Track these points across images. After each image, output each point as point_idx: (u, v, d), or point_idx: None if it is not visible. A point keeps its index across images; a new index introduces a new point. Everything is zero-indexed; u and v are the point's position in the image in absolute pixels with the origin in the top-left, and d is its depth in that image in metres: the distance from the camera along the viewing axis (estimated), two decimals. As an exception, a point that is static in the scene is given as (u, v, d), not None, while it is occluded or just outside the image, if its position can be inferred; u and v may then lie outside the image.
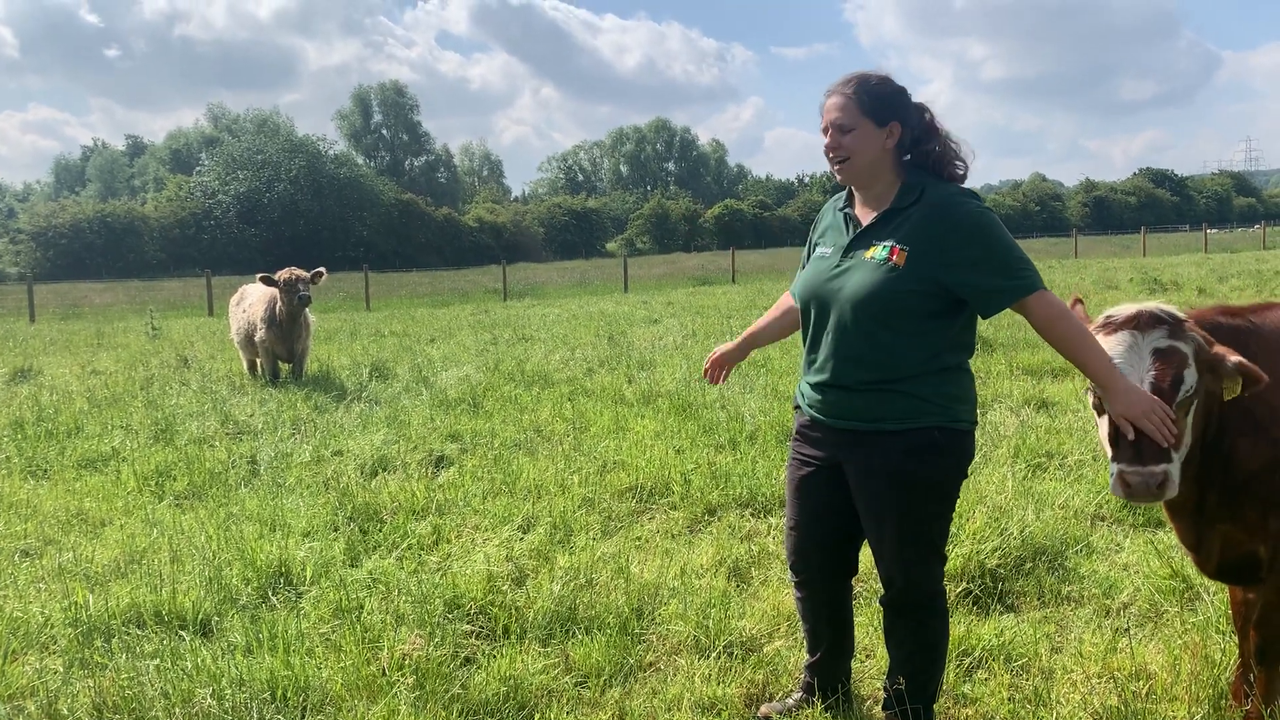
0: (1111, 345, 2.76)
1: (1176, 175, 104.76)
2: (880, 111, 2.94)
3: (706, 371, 3.53)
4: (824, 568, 3.25)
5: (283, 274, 10.69)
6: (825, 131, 3.00)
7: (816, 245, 3.19)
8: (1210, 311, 2.97)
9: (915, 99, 3.02)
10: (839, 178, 3.04)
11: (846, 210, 3.11)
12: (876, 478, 2.97)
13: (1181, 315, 2.74)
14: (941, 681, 3.27)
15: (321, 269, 11.19)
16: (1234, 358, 2.66)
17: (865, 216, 3.03)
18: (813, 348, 3.09)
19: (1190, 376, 2.66)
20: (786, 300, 3.46)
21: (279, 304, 10.60)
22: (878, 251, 2.92)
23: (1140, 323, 2.72)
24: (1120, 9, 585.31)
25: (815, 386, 3.08)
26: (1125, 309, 2.78)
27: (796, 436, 3.24)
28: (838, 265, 3.01)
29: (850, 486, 3.06)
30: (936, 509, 3.01)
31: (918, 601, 3.08)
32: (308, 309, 10.98)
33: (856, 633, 3.71)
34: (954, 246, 2.84)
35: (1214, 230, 56.80)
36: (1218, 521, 2.94)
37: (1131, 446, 2.63)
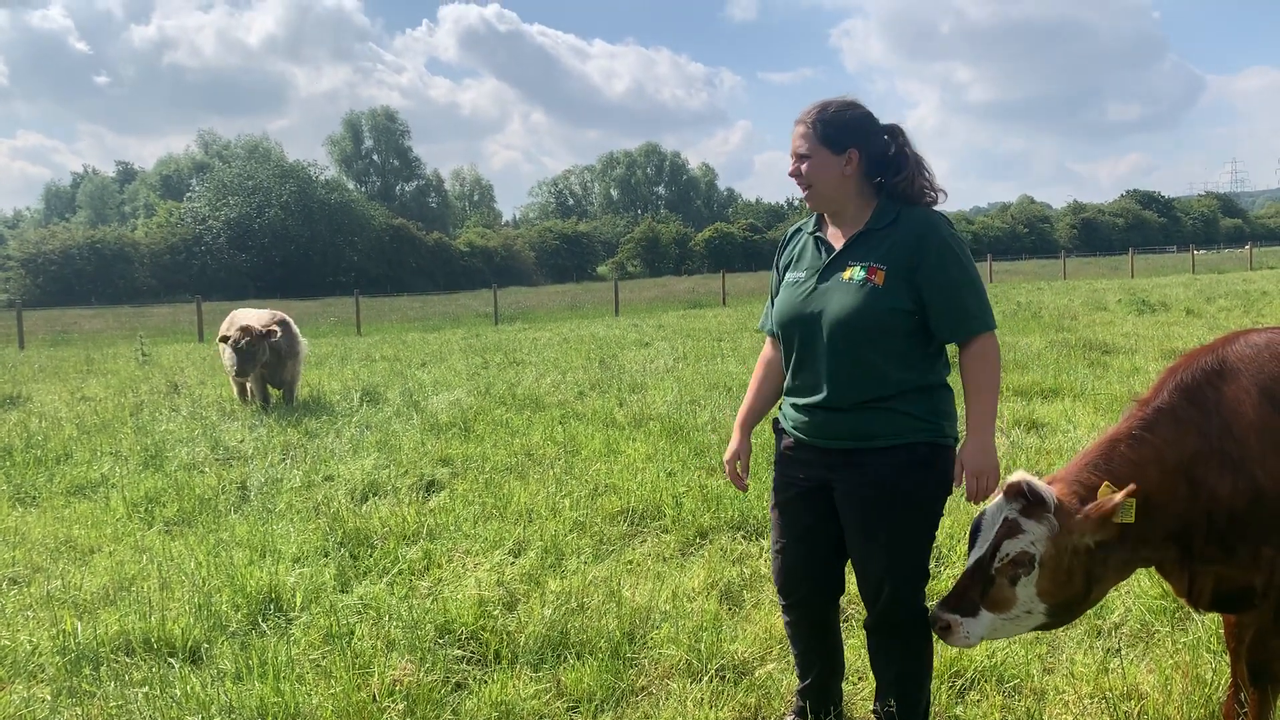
0: (990, 504, 2.93)
1: (1163, 197, 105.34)
2: (836, 139, 2.97)
3: (731, 478, 3.43)
4: (812, 590, 3.24)
5: (233, 332, 10.34)
6: (792, 159, 3.05)
7: (788, 271, 3.18)
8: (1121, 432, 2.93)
9: (903, 123, 3.05)
10: (808, 205, 3.10)
11: (818, 235, 3.12)
12: (867, 495, 2.97)
13: (1044, 495, 2.77)
14: (930, 701, 3.27)
15: (275, 328, 10.55)
16: (1093, 515, 2.73)
17: (838, 240, 3.06)
18: (797, 372, 3.09)
19: (1014, 547, 2.79)
20: (768, 353, 3.38)
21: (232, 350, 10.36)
22: (855, 272, 2.94)
23: (1008, 492, 2.85)
24: (1105, 33, 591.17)
25: (802, 409, 3.08)
26: (1012, 477, 2.86)
27: (780, 459, 3.24)
28: (814, 289, 3.01)
29: (837, 505, 3.06)
30: (923, 525, 3.03)
31: (903, 620, 3.08)
32: (298, 337, 11.01)
33: (848, 655, 3.71)
34: (932, 267, 2.90)
35: (1201, 251, 57.12)
36: (1209, 564, 2.92)
37: (953, 589, 2.90)
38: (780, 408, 3.26)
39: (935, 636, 2.98)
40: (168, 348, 22.20)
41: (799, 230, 3.25)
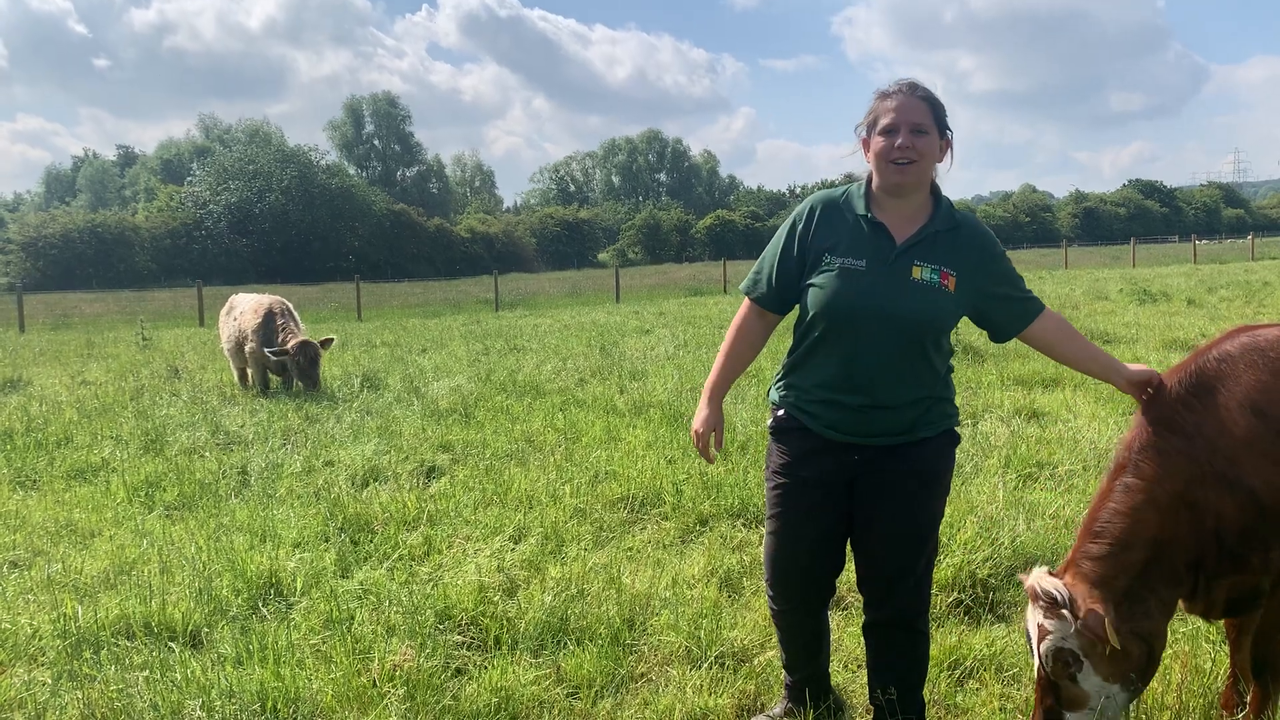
0: (1028, 614, 2.87)
1: (1165, 186, 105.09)
2: (943, 123, 2.94)
3: (702, 451, 3.21)
4: (819, 590, 3.23)
5: (292, 341, 10.65)
6: (888, 132, 2.86)
7: (831, 254, 2.95)
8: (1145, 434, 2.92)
9: None
10: (895, 179, 2.88)
11: (873, 219, 2.94)
12: (908, 485, 2.98)
13: (1054, 594, 2.73)
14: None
15: (332, 337, 11.54)
16: (1083, 624, 2.70)
17: (898, 229, 2.93)
18: (846, 366, 2.93)
19: (1048, 648, 2.76)
20: (746, 321, 3.19)
21: (290, 365, 10.66)
22: (925, 273, 2.89)
23: (1030, 596, 2.84)
24: (1109, 22, 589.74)
25: (842, 406, 2.95)
26: (1029, 580, 2.85)
27: (792, 457, 3.08)
28: (884, 284, 2.88)
29: (867, 498, 3.02)
30: (944, 506, 3.12)
31: (920, 608, 3.13)
32: (299, 323, 11.08)
33: (847, 644, 3.73)
34: (998, 270, 2.99)
35: (1203, 241, 57.10)
36: (1221, 577, 2.90)
37: (1035, 708, 2.88)
38: (795, 405, 3.07)
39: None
40: (168, 332, 22.19)
41: (834, 205, 3.03)
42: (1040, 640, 2.78)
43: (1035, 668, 2.86)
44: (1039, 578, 2.79)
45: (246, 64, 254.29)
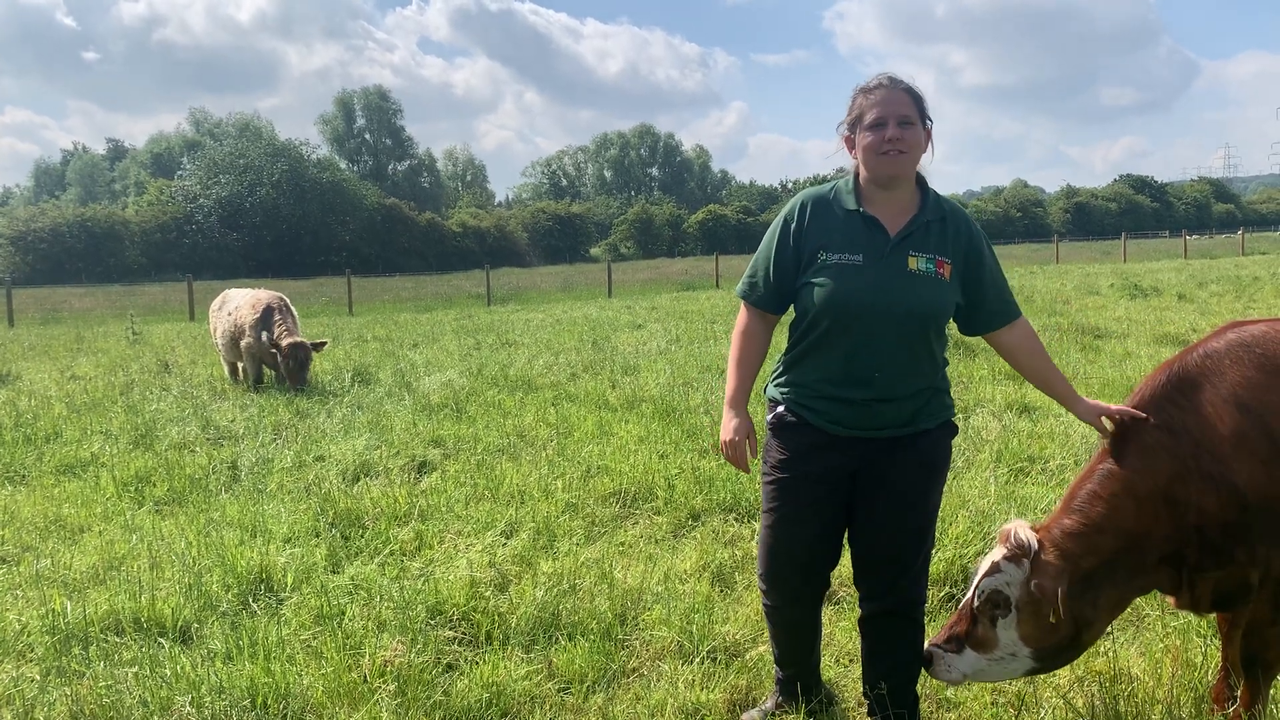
0: (992, 551, 2.95)
1: (1156, 182, 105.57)
2: (925, 113, 2.94)
3: (736, 461, 3.18)
4: (818, 585, 3.22)
5: (286, 341, 10.67)
6: (876, 125, 2.85)
7: (825, 251, 2.94)
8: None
9: None
10: (886, 171, 2.88)
11: (866, 213, 2.94)
12: (911, 475, 2.99)
13: (1023, 540, 2.81)
14: None
15: (325, 340, 11.50)
16: (1037, 584, 2.76)
17: (890, 221, 2.93)
18: (849, 361, 2.93)
19: (988, 585, 2.86)
20: (749, 325, 3.18)
21: (280, 363, 10.65)
22: (920, 263, 2.90)
23: (1001, 537, 2.91)
24: (1101, 17, 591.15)
25: (845, 401, 2.95)
26: (1005, 524, 2.93)
27: (793, 453, 3.06)
28: (878, 277, 2.88)
29: (871, 490, 3.03)
30: (941, 496, 3.14)
31: (920, 598, 3.14)
32: (298, 320, 11.07)
33: (839, 638, 3.71)
34: (984, 262, 3.01)
35: (1193, 236, 57.33)
36: (1205, 571, 2.90)
37: (944, 627, 2.98)
38: (797, 401, 3.06)
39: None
40: (158, 326, 22.11)
41: (824, 201, 3.02)
42: (987, 574, 2.84)
43: (968, 596, 2.91)
44: (1018, 525, 2.86)
45: (237, 57, 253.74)
